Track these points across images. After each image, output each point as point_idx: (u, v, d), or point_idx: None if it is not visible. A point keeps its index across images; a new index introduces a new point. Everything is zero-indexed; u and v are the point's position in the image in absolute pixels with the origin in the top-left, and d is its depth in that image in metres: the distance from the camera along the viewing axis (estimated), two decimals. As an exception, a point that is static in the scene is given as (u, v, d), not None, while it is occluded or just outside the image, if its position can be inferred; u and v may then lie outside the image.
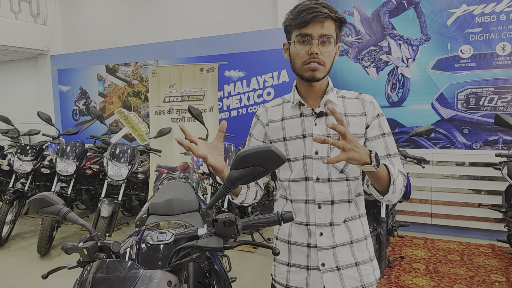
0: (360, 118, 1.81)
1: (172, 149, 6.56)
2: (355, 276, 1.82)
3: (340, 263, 1.81)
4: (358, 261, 1.83)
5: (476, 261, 4.92)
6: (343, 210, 1.81)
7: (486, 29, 5.48)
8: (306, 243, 1.83)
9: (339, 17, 1.73)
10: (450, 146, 5.79)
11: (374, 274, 1.88)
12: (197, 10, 7.74)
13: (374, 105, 1.84)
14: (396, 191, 1.69)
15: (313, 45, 1.70)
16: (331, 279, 1.80)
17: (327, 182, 1.80)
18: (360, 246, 1.85)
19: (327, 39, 1.71)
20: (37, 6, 9.08)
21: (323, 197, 1.79)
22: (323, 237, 1.80)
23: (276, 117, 1.92)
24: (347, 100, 1.85)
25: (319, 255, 1.80)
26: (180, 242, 1.73)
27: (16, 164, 5.96)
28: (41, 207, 1.86)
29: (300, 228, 1.84)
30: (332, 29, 1.72)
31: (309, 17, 1.69)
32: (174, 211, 3.05)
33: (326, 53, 1.72)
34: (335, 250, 1.80)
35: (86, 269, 1.65)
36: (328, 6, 1.72)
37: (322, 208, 1.80)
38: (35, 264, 5.24)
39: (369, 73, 6.17)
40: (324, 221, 1.80)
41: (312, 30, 1.70)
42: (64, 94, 9.21)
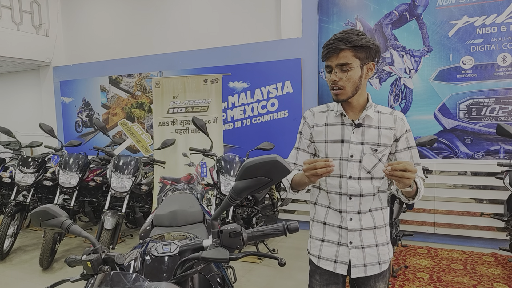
0: (390, 131, 2.20)
1: (176, 160, 6.55)
2: (374, 254, 2.25)
3: (364, 243, 2.24)
4: (378, 243, 2.26)
5: (479, 269, 4.91)
6: (368, 202, 2.23)
7: (487, 40, 5.50)
8: (338, 225, 2.26)
9: (354, 45, 2.06)
10: (453, 156, 5.79)
11: (388, 254, 2.31)
12: (201, 21, 7.78)
13: (404, 121, 2.24)
14: (419, 197, 2.11)
15: (333, 74, 2.12)
16: (356, 254, 2.23)
17: (357, 180, 2.20)
18: (381, 231, 2.28)
19: (344, 66, 2.08)
20: (39, 17, 9.12)
21: (354, 191, 2.20)
22: (352, 222, 2.22)
23: (321, 122, 2.30)
24: (382, 115, 2.24)
25: (349, 235, 2.22)
26: (185, 253, 1.73)
27: (18, 177, 5.94)
28: (43, 220, 1.85)
29: (334, 213, 2.27)
30: (348, 57, 2.07)
31: (326, 52, 2.12)
32: (179, 222, 3.03)
33: (345, 78, 2.10)
34: (361, 232, 2.23)
35: (90, 282, 1.63)
36: (344, 38, 2.06)
37: (352, 199, 2.22)
38: (37, 277, 5.20)
39: (372, 84, 6.18)
40: (353, 209, 2.22)
41: (331, 61, 2.12)
42: (67, 105, 9.23)
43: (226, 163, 5.40)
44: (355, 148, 2.18)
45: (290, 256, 5.51)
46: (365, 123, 2.20)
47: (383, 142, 2.18)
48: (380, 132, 2.19)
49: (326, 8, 6.41)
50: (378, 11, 6.08)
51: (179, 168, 6.50)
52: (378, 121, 2.21)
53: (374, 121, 2.20)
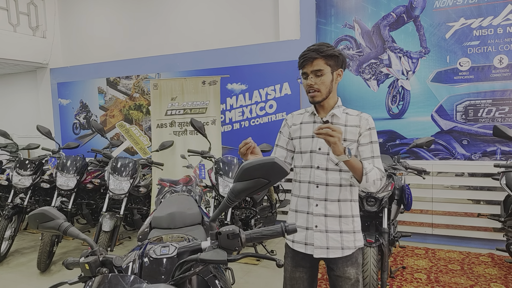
0: (355, 128, 2.50)
1: (174, 162, 6.55)
2: (337, 239, 2.50)
3: (329, 228, 2.50)
4: (342, 230, 2.51)
5: (476, 270, 4.93)
6: (335, 191, 2.50)
7: (484, 42, 5.52)
8: (306, 211, 2.56)
9: (324, 55, 2.43)
10: (450, 157, 5.80)
11: (354, 242, 2.54)
12: (199, 23, 7.78)
13: (368, 121, 2.52)
14: (369, 181, 2.35)
15: (308, 79, 2.48)
16: (320, 237, 2.50)
17: (324, 170, 2.51)
18: (347, 220, 2.53)
19: (318, 72, 2.45)
20: (36, 18, 9.09)
21: (320, 180, 2.51)
22: (318, 208, 2.51)
23: (297, 122, 2.67)
24: (349, 116, 2.54)
25: (314, 219, 2.52)
26: (183, 255, 1.73)
27: (15, 179, 5.91)
28: (41, 222, 1.85)
29: (303, 200, 2.58)
30: (321, 64, 2.44)
31: (302, 61, 2.48)
32: (177, 224, 3.03)
33: (319, 82, 2.46)
34: (326, 218, 2.51)
35: (88, 285, 1.63)
36: (317, 49, 2.43)
37: (319, 188, 2.52)
38: (35, 280, 5.19)
39: (370, 85, 6.19)
40: (320, 197, 2.51)
41: (306, 69, 2.48)
42: (64, 107, 9.22)
43: (225, 165, 5.40)
44: (322, 142, 2.43)
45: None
46: (333, 121, 2.53)
47: (349, 138, 2.49)
48: (346, 129, 2.49)
49: (324, 10, 6.42)
50: (375, 13, 6.09)
51: (177, 170, 6.49)
52: (345, 120, 2.53)
53: (341, 120, 2.53)
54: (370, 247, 3.92)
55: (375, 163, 2.46)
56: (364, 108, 6.09)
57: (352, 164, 2.31)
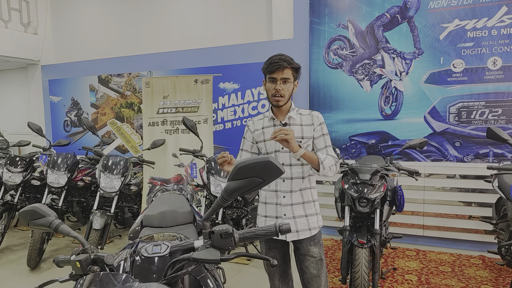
0: (309, 126, 2.92)
1: (166, 161, 6.52)
2: (304, 222, 2.94)
3: (295, 214, 2.93)
4: (307, 213, 2.95)
5: (467, 272, 4.94)
6: (298, 183, 2.92)
7: (478, 43, 5.53)
8: (275, 202, 2.97)
9: (294, 66, 2.83)
10: (442, 159, 5.81)
11: (317, 223, 3.00)
12: (191, 21, 7.76)
13: (319, 117, 2.95)
14: (325, 168, 2.74)
15: (277, 85, 2.82)
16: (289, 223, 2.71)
17: (289, 166, 2.91)
18: (309, 205, 2.97)
19: (286, 80, 2.82)
20: (27, 15, 9.02)
21: (286, 175, 2.90)
22: (285, 199, 2.93)
23: (259, 127, 3.04)
24: (303, 116, 2.96)
25: (282, 209, 2.93)
26: (175, 254, 1.72)
27: (5, 176, 5.88)
28: (32, 219, 1.83)
29: (272, 193, 2.98)
30: (289, 73, 2.82)
31: (274, 68, 2.79)
32: (168, 223, 3.02)
33: (286, 88, 2.84)
34: (292, 206, 2.93)
35: (79, 283, 1.61)
36: (287, 60, 2.80)
37: (285, 182, 2.92)
38: (24, 277, 5.15)
39: (363, 86, 6.19)
40: (286, 189, 2.92)
41: (276, 75, 2.81)
42: (55, 104, 9.15)
43: (216, 164, 5.38)
44: None
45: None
46: (290, 122, 2.92)
47: (306, 135, 2.90)
48: (302, 128, 2.90)
49: (318, 9, 6.41)
50: (369, 13, 6.09)
51: (169, 169, 6.47)
52: (300, 120, 2.93)
53: (297, 121, 2.92)
54: (361, 248, 3.91)
55: (328, 152, 2.88)
56: (357, 109, 6.10)
57: (309, 156, 2.71)
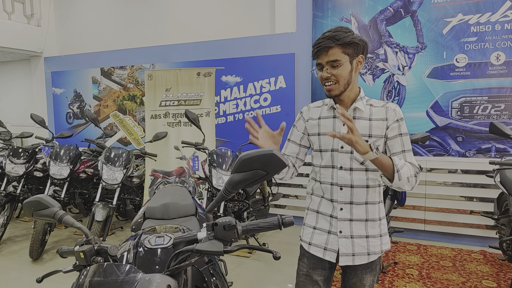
0: (381, 122, 2.26)
1: (168, 153, 6.53)
2: (363, 245, 2.31)
3: (354, 233, 2.31)
4: (369, 234, 2.32)
5: (468, 267, 4.94)
6: (361, 193, 2.29)
7: (481, 38, 5.52)
8: (330, 214, 2.35)
9: (341, 42, 2.17)
10: (444, 154, 5.81)
11: (381, 246, 2.36)
12: (194, 14, 7.74)
13: (396, 112, 2.27)
14: (402, 178, 2.13)
15: (324, 71, 2.22)
16: (345, 243, 2.31)
17: (348, 171, 2.29)
18: (373, 224, 2.33)
19: (334, 63, 2.19)
20: (30, 7, 9.01)
21: (344, 181, 2.29)
22: (343, 212, 2.31)
23: (315, 116, 2.42)
24: (373, 108, 2.30)
25: (338, 224, 2.32)
26: (179, 246, 1.72)
27: (8, 167, 5.89)
28: (36, 210, 1.84)
29: (327, 203, 2.36)
30: (338, 54, 2.18)
31: (316, 51, 2.22)
32: (171, 215, 3.02)
33: (337, 73, 2.20)
34: (352, 223, 2.31)
35: (83, 273, 1.62)
36: (332, 36, 2.18)
37: (343, 190, 2.30)
38: (27, 268, 5.18)
39: (365, 80, 6.18)
40: (344, 200, 2.30)
41: (321, 59, 2.23)
42: (58, 96, 9.16)
43: (218, 157, 5.38)
44: None
45: (281, 250, 5.52)
46: (356, 115, 2.29)
47: (375, 133, 2.25)
48: (371, 123, 2.26)
49: (321, 3, 6.39)
50: (373, 7, 6.08)
51: (171, 161, 6.47)
52: (369, 114, 2.28)
53: (365, 114, 2.28)
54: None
55: (407, 158, 2.25)
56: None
57: (381, 161, 2.09)
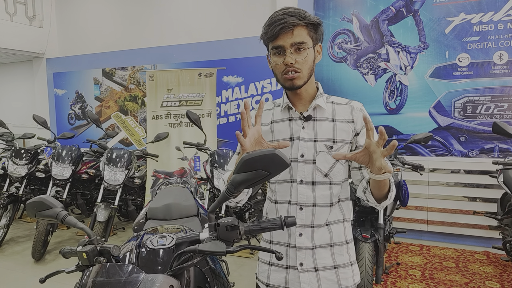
0: (347, 124, 1.86)
1: (169, 154, 6.53)
2: (332, 278, 1.85)
3: (319, 264, 1.84)
4: (337, 264, 1.86)
5: (471, 268, 4.93)
6: (324, 213, 1.85)
7: (484, 38, 5.51)
8: (286, 243, 1.88)
9: (308, 22, 1.76)
10: (447, 154, 5.80)
11: (353, 278, 1.90)
12: (195, 15, 7.74)
13: (363, 112, 1.89)
14: (391, 198, 1.77)
15: (287, 56, 1.74)
16: (308, 279, 1.84)
17: (310, 185, 1.84)
18: (340, 249, 1.88)
19: (299, 46, 1.75)
20: (32, 8, 9.03)
21: (305, 199, 1.83)
22: (302, 238, 1.84)
23: (266, 121, 1.94)
24: (336, 106, 1.90)
25: (298, 255, 1.84)
26: (181, 246, 1.72)
27: (11, 168, 5.91)
28: (38, 210, 1.84)
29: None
30: (303, 35, 1.75)
31: (277, 30, 1.72)
32: (173, 215, 3.02)
33: (302, 60, 1.76)
34: (314, 251, 1.84)
35: (86, 274, 1.62)
36: (296, 13, 1.73)
37: (303, 210, 1.83)
38: (29, 269, 5.19)
39: (367, 80, 6.17)
40: (304, 223, 1.84)
41: (283, 41, 1.74)
42: (60, 97, 9.17)
43: (220, 157, 5.38)
44: (306, 146, 1.84)
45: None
46: (317, 115, 1.86)
47: (340, 138, 1.84)
48: (335, 125, 1.85)
49: (322, 3, 6.39)
50: (374, 6, 6.07)
51: (172, 162, 6.48)
52: (332, 113, 1.87)
53: (327, 113, 1.86)
54: (365, 242, 3.92)
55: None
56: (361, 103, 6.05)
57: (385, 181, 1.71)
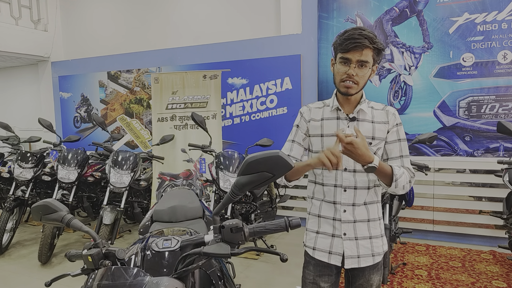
0: (384, 125, 2.30)
1: (175, 156, 6.54)
2: (368, 246, 2.31)
3: (358, 235, 2.30)
4: (372, 235, 2.33)
5: (477, 267, 4.92)
6: (363, 194, 2.29)
7: (488, 37, 5.50)
8: (332, 217, 2.32)
9: (377, 47, 2.15)
10: (452, 154, 5.79)
11: (382, 247, 2.38)
12: (200, 17, 7.76)
13: (395, 116, 2.34)
14: (398, 186, 2.18)
15: (351, 68, 2.15)
16: (350, 245, 2.29)
17: (352, 172, 2.28)
18: (375, 224, 2.35)
19: (363, 64, 2.15)
20: (37, 12, 9.08)
21: (348, 183, 2.28)
22: (346, 213, 2.29)
23: (317, 117, 2.37)
24: (375, 111, 2.34)
25: (342, 226, 2.29)
26: (186, 248, 1.72)
27: (17, 171, 5.91)
28: (44, 214, 1.85)
29: (329, 205, 2.33)
30: (369, 56, 2.14)
31: (351, 46, 2.11)
32: (178, 218, 3.02)
33: (361, 75, 2.17)
34: (355, 224, 2.30)
35: (91, 277, 1.63)
36: (369, 37, 2.12)
37: (347, 192, 2.28)
38: (36, 272, 5.20)
39: (371, 80, 6.17)
40: (348, 202, 2.28)
41: (352, 56, 2.13)
42: (65, 101, 9.21)
43: (225, 159, 5.39)
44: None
45: (289, 252, 5.48)
46: (359, 117, 2.29)
47: (377, 136, 2.28)
48: (374, 126, 2.28)
49: (326, 4, 6.39)
50: (378, 7, 6.07)
51: (178, 164, 6.49)
52: (371, 116, 2.31)
53: (368, 116, 2.30)
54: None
55: (405, 163, 2.30)
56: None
57: (380, 170, 2.12)
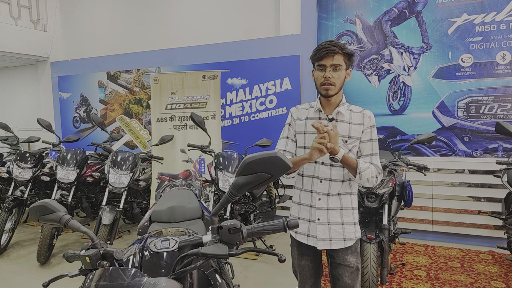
0: (359, 126, 2.63)
1: (174, 156, 6.54)
2: (339, 231, 2.64)
3: (331, 221, 2.64)
4: (344, 222, 2.66)
5: (476, 267, 4.92)
6: (337, 186, 2.64)
7: (487, 38, 5.50)
8: (309, 204, 2.69)
9: (346, 52, 2.55)
10: (451, 154, 5.79)
11: (355, 233, 2.69)
12: (199, 17, 7.76)
13: (371, 118, 2.66)
14: (362, 179, 2.53)
15: (327, 72, 2.53)
16: (322, 229, 2.65)
17: (329, 166, 2.64)
18: (347, 212, 2.67)
19: (336, 67, 2.53)
20: (37, 12, 9.07)
21: (324, 175, 2.64)
22: (320, 202, 2.64)
23: (302, 116, 2.74)
24: (353, 113, 2.66)
25: (317, 212, 2.65)
26: (184, 249, 1.72)
27: (16, 172, 5.91)
28: (42, 214, 1.85)
29: (306, 194, 2.70)
30: (340, 60, 2.54)
31: (323, 53, 2.52)
32: (177, 218, 3.02)
33: (336, 76, 2.55)
34: (328, 211, 2.64)
35: (89, 277, 1.62)
36: (338, 45, 2.52)
37: (322, 183, 2.65)
38: (34, 272, 5.20)
39: (370, 81, 6.17)
40: (323, 191, 2.64)
41: (326, 61, 2.53)
42: (65, 101, 9.20)
43: (225, 159, 5.39)
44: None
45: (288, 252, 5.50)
46: (338, 118, 2.64)
47: (353, 135, 2.61)
48: (350, 126, 2.62)
49: (325, 4, 6.39)
50: (377, 8, 6.07)
51: (177, 164, 6.49)
52: (349, 118, 2.64)
53: (346, 117, 2.64)
54: (370, 243, 3.92)
55: (373, 160, 2.63)
56: (365, 104, 6.07)
57: (345, 162, 2.50)
